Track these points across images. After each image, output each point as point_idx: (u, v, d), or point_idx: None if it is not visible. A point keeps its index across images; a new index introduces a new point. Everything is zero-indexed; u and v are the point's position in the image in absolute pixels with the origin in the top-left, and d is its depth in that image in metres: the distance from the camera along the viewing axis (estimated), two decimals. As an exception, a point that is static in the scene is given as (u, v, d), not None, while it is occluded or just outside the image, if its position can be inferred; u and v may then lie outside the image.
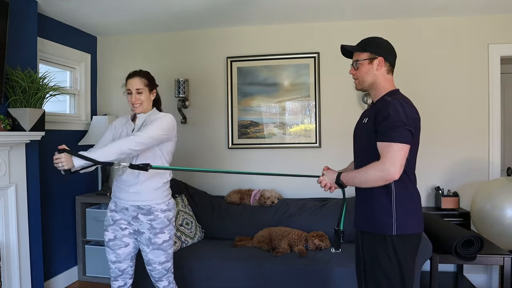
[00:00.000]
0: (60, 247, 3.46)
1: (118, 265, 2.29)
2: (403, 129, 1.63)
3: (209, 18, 3.48)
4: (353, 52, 1.88)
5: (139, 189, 2.20)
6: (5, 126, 2.54)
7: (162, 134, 2.16)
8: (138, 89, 2.24)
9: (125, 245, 2.28)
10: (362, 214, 1.83)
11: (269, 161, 3.71)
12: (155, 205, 2.21)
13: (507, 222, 2.78)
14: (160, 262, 2.25)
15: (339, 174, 1.80)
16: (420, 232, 1.78)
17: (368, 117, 1.81)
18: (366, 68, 1.82)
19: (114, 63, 3.97)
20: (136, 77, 2.27)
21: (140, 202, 2.21)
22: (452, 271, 3.38)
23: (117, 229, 2.27)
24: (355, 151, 1.95)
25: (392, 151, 1.61)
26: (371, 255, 1.77)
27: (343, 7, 3.22)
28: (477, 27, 3.40)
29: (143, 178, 2.20)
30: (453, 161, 3.45)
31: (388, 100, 1.72)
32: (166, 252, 2.25)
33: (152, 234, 2.20)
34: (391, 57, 1.83)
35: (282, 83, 3.68)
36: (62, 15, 3.33)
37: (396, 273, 1.71)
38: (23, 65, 2.71)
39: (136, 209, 2.22)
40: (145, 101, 2.27)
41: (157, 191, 2.23)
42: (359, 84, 1.88)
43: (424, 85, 3.43)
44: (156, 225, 2.20)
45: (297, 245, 2.96)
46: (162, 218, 2.22)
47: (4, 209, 2.62)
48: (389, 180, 1.64)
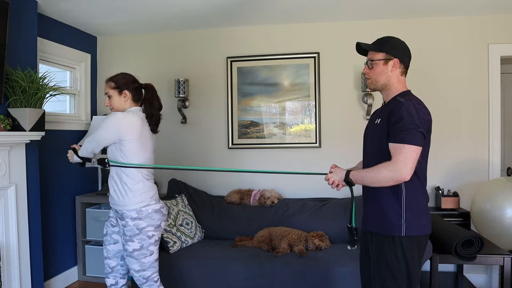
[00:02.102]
0: (60, 247, 3.46)
1: (108, 261, 2.34)
2: (416, 131, 1.63)
3: (209, 18, 3.47)
4: (368, 50, 1.87)
5: (112, 191, 2.23)
6: (5, 126, 2.54)
7: (106, 136, 2.14)
8: (106, 93, 2.29)
9: (114, 242, 2.31)
10: (371, 215, 1.83)
11: (269, 161, 3.71)
12: (125, 211, 2.16)
13: (507, 222, 2.78)
14: (135, 270, 2.21)
15: (348, 172, 1.79)
16: (428, 233, 1.79)
17: (381, 118, 1.79)
18: (380, 68, 1.80)
19: (114, 63, 3.97)
20: (106, 82, 2.29)
21: (113, 205, 2.25)
22: (452, 271, 3.38)
23: (108, 225, 2.35)
24: (365, 150, 1.94)
25: (404, 153, 1.62)
26: (379, 255, 1.77)
27: (343, 7, 3.22)
28: (477, 27, 3.40)
29: (115, 180, 2.20)
30: (453, 161, 3.45)
31: (401, 101, 1.72)
32: (139, 261, 2.19)
33: (124, 240, 2.20)
34: (406, 59, 1.82)
35: (282, 83, 3.68)
36: (62, 15, 3.33)
37: (403, 273, 1.72)
38: (23, 65, 2.71)
39: (115, 212, 2.26)
40: (116, 104, 2.26)
41: (128, 195, 2.16)
42: (372, 84, 1.86)
43: (424, 85, 3.43)
44: (126, 232, 2.17)
45: (297, 245, 2.96)
46: (131, 226, 2.15)
47: (4, 209, 2.62)
48: (400, 180, 1.64)
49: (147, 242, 2.18)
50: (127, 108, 2.27)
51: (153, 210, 2.19)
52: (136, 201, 2.16)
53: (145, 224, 2.16)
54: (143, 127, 2.21)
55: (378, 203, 1.78)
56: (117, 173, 2.19)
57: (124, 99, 2.26)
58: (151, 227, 2.18)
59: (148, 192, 2.21)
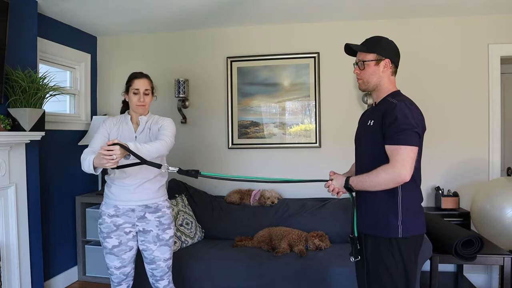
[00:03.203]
0: (60, 247, 3.46)
1: (123, 270, 2.25)
2: (411, 131, 1.63)
3: (209, 18, 3.47)
4: (357, 51, 1.86)
5: (145, 188, 2.22)
6: (5, 126, 2.54)
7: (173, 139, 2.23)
8: (146, 89, 2.26)
9: (129, 249, 2.26)
10: (366, 216, 1.82)
11: (269, 161, 3.71)
12: (161, 202, 2.29)
13: (507, 222, 2.78)
14: (165, 259, 2.28)
15: (347, 178, 1.77)
16: (423, 232, 1.79)
17: (374, 119, 1.79)
18: (372, 69, 1.80)
19: (114, 63, 3.97)
20: (145, 79, 2.28)
21: (147, 201, 2.24)
22: (452, 271, 3.38)
23: (121, 234, 2.21)
24: (358, 153, 1.93)
25: (401, 154, 1.61)
26: (375, 257, 1.76)
27: (343, 7, 3.22)
28: (477, 27, 3.40)
29: (148, 177, 2.22)
30: (453, 161, 3.45)
31: (393, 102, 1.71)
32: (171, 248, 2.31)
33: (161, 231, 2.24)
34: (396, 59, 1.82)
35: (282, 83, 3.68)
36: (62, 15, 3.33)
37: (401, 273, 1.72)
38: (23, 65, 2.71)
39: (143, 209, 2.23)
40: (148, 103, 2.30)
41: (160, 189, 2.31)
42: (363, 84, 1.86)
43: (424, 85, 3.44)
44: (164, 221, 2.26)
45: (297, 245, 2.96)
46: (168, 214, 2.31)
47: (4, 209, 2.62)
48: (400, 182, 1.64)
49: (175, 230, 2.36)
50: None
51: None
52: (166, 192, 2.37)
53: (173, 213, 2.35)
54: None
55: (374, 205, 1.77)
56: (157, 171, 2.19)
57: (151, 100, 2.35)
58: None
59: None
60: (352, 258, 1.84)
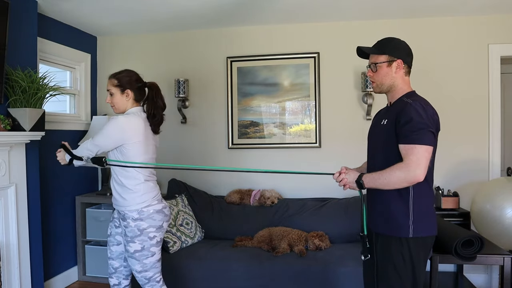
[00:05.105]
0: (60, 247, 3.46)
1: (111, 262, 2.33)
2: (426, 131, 1.63)
3: (209, 18, 3.47)
4: (369, 54, 1.86)
5: (114, 192, 2.21)
6: (5, 126, 2.54)
7: (109, 142, 2.11)
8: (108, 90, 2.24)
9: (117, 243, 2.30)
10: (377, 215, 1.81)
11: (269, 161, 3.71)
12: (127, 212, 2.15)
13: (507, 222, 2.77)
14: (137, 271, 2.20)
15: (361, 175, 1.75)
16: (434, 234, 1.77)
17: (388, 119, 1.78)
18: (385, 70, 1.80)
19: (114, 63, 3.96)
20: (109, 79, 2.24)
21: (116, 206, 2.24)
22: (452, 271, 3.38)
23: (112, 226, 2.34)
24: (370, 152, 1.92)
25: (416, 153, 1.61)
26: (385, 256, 1.76)
27: (343, 7, 3.22)
28: (477, 27, 3.40)
29: (116, 180, 2.19)
30: (453, 161, 3.45)
31: (408, 102, 1.71)
32: (141, 262, 2.17)
33: (125, 241, 2.18)
34: (409, 59, 1.82)
35: (282, 83, 3.68)
36: (62, 15, 3.33)
37: (409, 274, 1.71)
38: (23, 65, 2.70)
39: (118, 213, 2.26)
40: (118, 102, 2.22)
41: (129, 196, 2.15)
42: (377, 87, 1.85)
43: (424, 85, 3.40)
44: (128, 233, 2.15)
45: (297, 245, 2.96)
46: (132, 227, 2.14)
47: (4, 209, 2.62)
48: (413, 182, 1.63)
49: (148, 243, 2.16)
50: (129, 107, 2.24)
51: (154, 210, 2.17)
52: (138, 201, 2.14)
53: (147, 225, 2.14)
54: (145, 128, 2.19)
55: (385, 204, 1.76)
56: (118, 173, 2.17)
57: (126, 98, 2.22)
58: (152, 228, 2.16)
59: (150, 192, 2.19)
60: (362, 256, 1.82)
